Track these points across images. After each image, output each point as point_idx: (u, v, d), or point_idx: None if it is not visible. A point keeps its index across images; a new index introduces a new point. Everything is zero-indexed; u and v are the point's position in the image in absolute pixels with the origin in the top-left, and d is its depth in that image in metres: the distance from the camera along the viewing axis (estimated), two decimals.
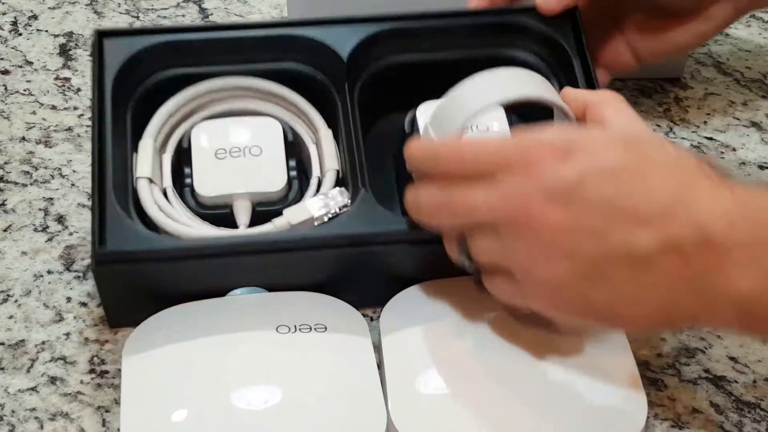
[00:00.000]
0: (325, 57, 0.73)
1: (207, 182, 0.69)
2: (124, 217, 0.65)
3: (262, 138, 0.71)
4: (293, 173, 0.70)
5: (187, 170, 0.70)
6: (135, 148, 0.71)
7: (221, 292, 0.66)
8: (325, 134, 0.72)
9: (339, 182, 0.70)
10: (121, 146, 0.70)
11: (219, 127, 0.72)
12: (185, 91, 0.73)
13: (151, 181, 0.69)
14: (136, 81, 0.73)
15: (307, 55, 0.74)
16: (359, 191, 0.66)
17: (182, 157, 0.71)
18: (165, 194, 0.70)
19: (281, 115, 0.74)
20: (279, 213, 0.68)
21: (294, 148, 0.72)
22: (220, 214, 0.69)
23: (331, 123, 0.73)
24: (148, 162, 0.69)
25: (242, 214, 0.69)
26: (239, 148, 0.71)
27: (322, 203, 0.67)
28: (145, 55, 0.73)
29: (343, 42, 0.72)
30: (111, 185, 0.66)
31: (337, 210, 0.67)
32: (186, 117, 0.73)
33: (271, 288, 0.66)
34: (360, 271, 0.66)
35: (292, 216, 0.67)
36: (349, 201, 0.67)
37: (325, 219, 0.67)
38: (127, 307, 0.67)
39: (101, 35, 0.73)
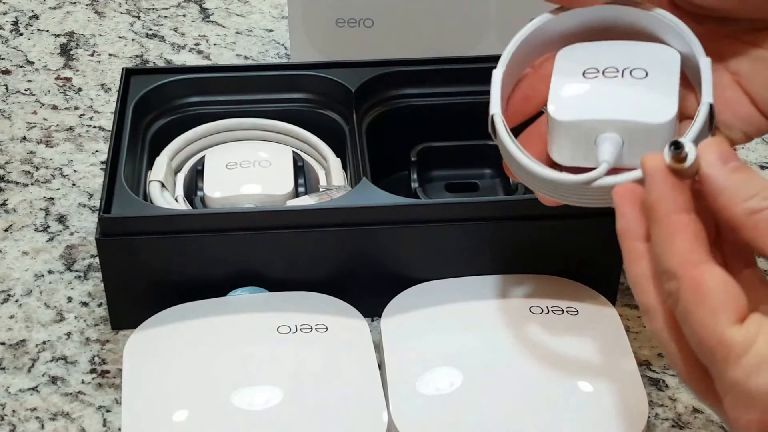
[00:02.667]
0: (334, 90, 0.75)
1: (216, 186, 0.71)
2: (133, 196, 0.66)
3: (271, 156, 0.73)
4: (301, 189, 0.72)
5: (200, 184, 0.72)
6: (150, 167, 0.72)
7: (224, 276, 0.66)
8: (334, 162, 0.73)
9: None
10: (135, 163, 0.71)
11: (232, 147, 0.75)
12: (203, 126, 0.75)
13: (163, 185, 0.69)
14: (155, 111, 0.75)
15: (317, 89, 0.76)
16: None
17: (197, 178, 0.73)
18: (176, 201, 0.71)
19: (293, 145, 0.76)
20: None
21: (303, 171, 0.73)
22: None
23: (339, 153, 0.74)
24: (162, 171, 0.71)
25: None
26: (249, 161, 0.72)
27: (323, 194, 0.68)
28: (165, 88, 0.75)
29: (351, 78, 0.75)
30: (122, 172, 0.67)
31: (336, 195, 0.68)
32: (202, 148, 0.75)
33: (270, 277, 0.67)
34: (362, 260, 0.67)
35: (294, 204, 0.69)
36: (350, 188, 0.68)
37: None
38: (130, 296, 0.67)
39: (129, 72, 0.76)
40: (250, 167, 0.72)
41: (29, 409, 0.64)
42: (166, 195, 0.70)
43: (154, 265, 0.66)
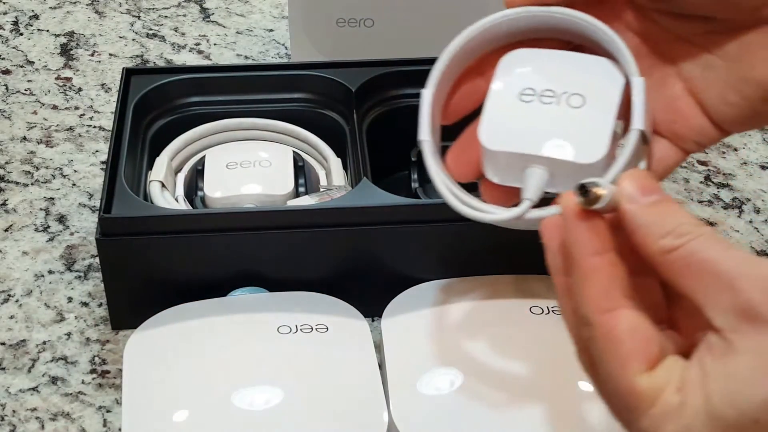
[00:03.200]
0: (335, 90, 0.75)
1: (216, 186, 0.71)
2: (133, 196, 0.66)
3: (272, 155, 0.73)
4: (302, 189, 0.72)
5: (200, 184, 0.71)
6: (150, 167, 0.72)
7: (225, 276, 0.66)
8: (335, 162, 0.73)
9: None
10: (135, 163, 0.71)
11: (232, 147, 0.75)
12: (204, 126, 0.75)
13: (163, 185, 0.69)
14: (156, 111, 0.75)
15: (317, 89, 0.76)
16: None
17: (197, 178, 0.72)
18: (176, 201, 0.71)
19: (293, 145, 0.76)
20: None
21: (303, 171, 0.73)
22: None
23: (340, 153, 0.74)
24: (162, 171, 0.71)
25: None
26: (250, 161, 0.72)
27: (324, 194, 0.68)
28: (165, 88, 0.75)
29: (352, 78, 0.75)
30: (122, 172, 0.67)
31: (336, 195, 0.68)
32: (202, 148, 0.75)
33: (270, 277, 0.67)
34: (362, 260, 0.67)
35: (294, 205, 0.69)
36: (350, 188, 0.68)
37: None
38: (130, 297, 0.67)
39: (129, 72, 0.76)
40: (250, 167, 0.72)
41: (29, 409, 0.63)
42: (166, 195, 0.70)
43: (155, 265, 0.66)
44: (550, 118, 0.47)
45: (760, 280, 0.38)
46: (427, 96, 0.50)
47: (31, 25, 0.96)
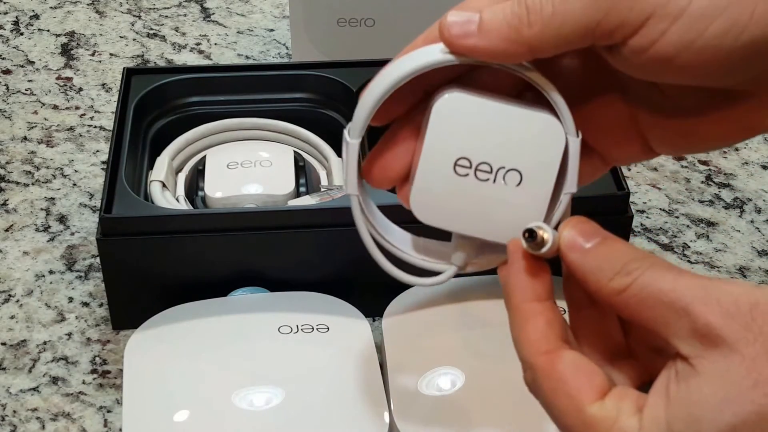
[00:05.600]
0: (335, 90, 0.75)
1: (217, 186, 0.71)
2: (134, 196, 0.66)
3: (273, 155, 0.73)
4: (302, 189, 0.72)
5: (201, 184, 0.72)
6: (151, 167, 0.72)
7: (226, 276, 0.66)
8: (335, 162, 0.73)
9: None
10: (136, 163, 0.71)
11: (233, 147, 0.75)
12: (204, 126, 0.75)
13: (164, 185, 0.69)
14: (156, 111, 0.75)
15: (318, 89, 0.76)
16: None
17: (198, 178, 0.72)
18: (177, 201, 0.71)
19: (294, 145, 0.76)
20: None
21: (304, 170, 0.73)
22: None
23: (341, 153, 0.74)
24: (163, 171, 0.71)
25: None
26: (250, 161, 0.72)
27: (324, 194, 0.68)
28: (166, 88, 0.75)
29: (353, 78, 0.75)
30: (123, 172, 0.67)
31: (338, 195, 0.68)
32: (203, 148, 0.75)
33: (271, 277, 0.66)
34: (363, 260, 0.67)
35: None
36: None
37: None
38: (131, 297, 0.67)
39: (130, 72, 0.76)
40: (251, 167, 0.72)
41: (30, 409, 0.63)
42: (167, 195, 0.70)
43: (155, 265, 0.66)
44: (485, 198, 0.45)
45: (716, 304, 0.38)
46: (354, 146, 0.46)
47: (32, 25, 0.96)
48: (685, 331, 0.39)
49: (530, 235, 0.42)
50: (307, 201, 0.69)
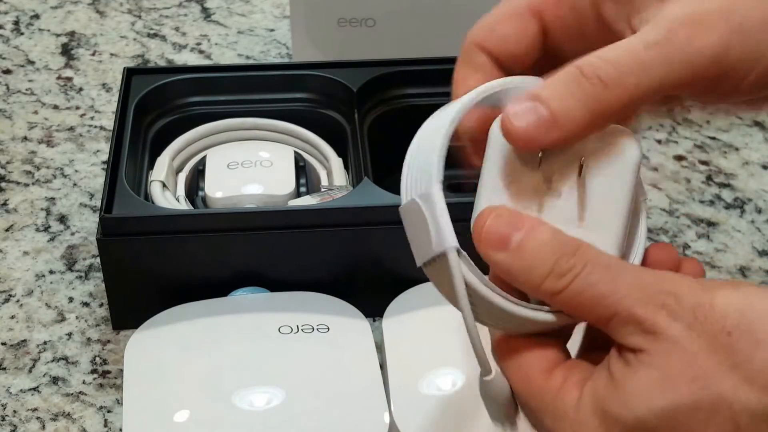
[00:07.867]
0: (336, 90, 0.75)
1: (217, 186, 0.71)
2: (134, 196, 0.66)
3: (273, 155, 0.73)
4: (303, 189, 0.72)
5: (201, 184, 0.71)
6: (151, 167, 0.72)
7: (226, 276, 0.66)
8: (336, 162, 0.73)
9: None
10: (136, 163, 0.71)
11: (233, 147, 0.75)
12: (205, 126, 0.75)
13: (164, 185, 0.69)
14: (157, 111, 0.75)
15: (319, 89, 0.76)
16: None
17: (198, 177, 0.72)
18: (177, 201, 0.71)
19: (294, 145, 0.76)
20: None
21: (304, 171, 0.73)
22: None
23: (341, 153, 0.74)
24: (163, 171, 0.71)
25: None
26: (251, 161, 0.72)
27: (325, 194, 0.68)
28: (166, 88, 0.75)
29: (353, 78, 0.75)
30: (123, 172, 0.67)
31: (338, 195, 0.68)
32: (203, 148, 0.75)
33: (271, 277, 0.66)
34: (364, 260, 0.67)
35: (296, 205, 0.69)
36: (351, 188, 0.68)
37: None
38: (131, 297, 0.67)
39: (130, 72, 0.76)
40: (251, 167, 0.72)
41: (30, 409, 0.63)
42: (167, 195, 0.70)
43: (156, 265, 0.66)
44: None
45: (660, 307, 0.39)
46: (439, 193, 0.41)
47: (32, 25, 0.96)
48: (629, 330, 0.39)
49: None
50: (307, 201, 0.69)
